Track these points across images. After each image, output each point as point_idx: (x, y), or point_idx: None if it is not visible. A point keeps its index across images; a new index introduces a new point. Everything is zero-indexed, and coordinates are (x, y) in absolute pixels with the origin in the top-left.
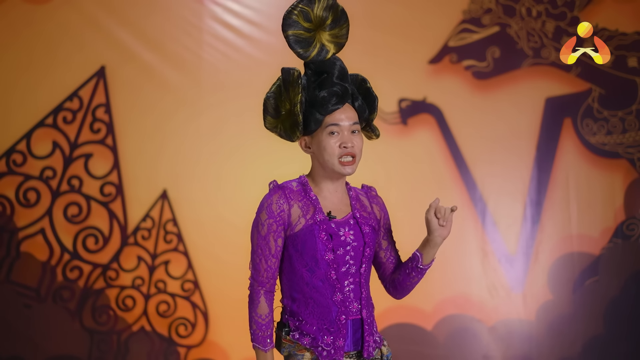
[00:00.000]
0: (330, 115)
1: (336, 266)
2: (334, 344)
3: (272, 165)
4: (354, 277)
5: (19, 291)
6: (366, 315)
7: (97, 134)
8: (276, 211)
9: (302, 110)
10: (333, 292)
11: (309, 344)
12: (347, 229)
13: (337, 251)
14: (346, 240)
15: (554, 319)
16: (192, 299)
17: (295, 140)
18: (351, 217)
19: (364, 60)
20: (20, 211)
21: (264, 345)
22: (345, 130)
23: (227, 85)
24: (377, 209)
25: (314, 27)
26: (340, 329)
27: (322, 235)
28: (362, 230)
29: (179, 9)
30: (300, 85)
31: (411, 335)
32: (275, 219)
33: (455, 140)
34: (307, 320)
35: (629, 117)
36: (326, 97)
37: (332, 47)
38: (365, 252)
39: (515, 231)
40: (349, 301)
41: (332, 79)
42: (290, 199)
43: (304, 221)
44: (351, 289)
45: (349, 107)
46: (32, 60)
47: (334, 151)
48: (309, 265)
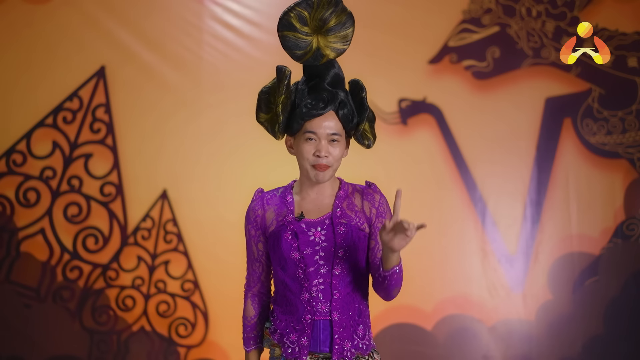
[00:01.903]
0: (310, 122)
1: (304, 265)
2: (298, 342)
3: (272, 165)
4: (325, 277)
5: (19, 291)
6: (339, 318)
7: (97, 134)
8: (252, 217)
9: (284, 112)
10: (301, 290)
11: (277, 340)
12: (319, 229)
13: (304, 250)
14: (315, 240)
15: (554, 319)
16: (192, 299)
17: (278, 138)
18: (328, 217)
19: (364, 60)
20: (20, 211)
21: (247, 346)
22: (323, 138)
23: (227, 85)
24: (369, 206)
25: (312, 30)
26: (305, 328)
27: (288, 234)
28: (335, 230)
29: (179, 9)
30: (286, 85)
31: (411, 335)
32: (253, 225)
33: (455, 140)
34: (279, 317)
35: (629, 117)
36: (309, 103)
37: (330, 52)
38: (337, 253)
39: (515, 231)
40: (317, 301)
41: (323, 84)
42: (266, 204)
43: (276, 222)
44: (320, 289)
45: (331, 115)
46: (32, 60)
47: (309, 157)
48: (281, 264)
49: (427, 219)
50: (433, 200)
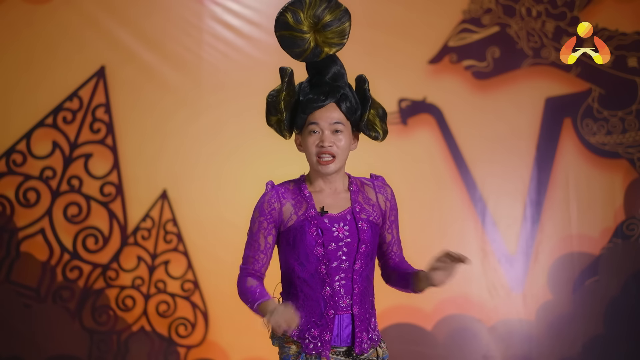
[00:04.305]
0: (312, 114)
1: (327, 261)
2: (321, 337)
3: (272, 165)
4: (346, 272)
5: (19, 291)
6: (358, 312)
7: (97, 134)
8: (267, 209)
9: (287, 109)
10: (322, 286)
11: (296, 336)
12: (342, 225)
13: (328, 246)
14: (339, 235)
15: (554, 319)
16: (192, 299)
17: (286, 137)
18: (349, 212)
19: (364, 60)
20: (20, 211)
21: (264, 297)
22: (326, 129)
23: (227, 85)
24: (383, 199)
25: (307, 28)
26: (328, 323)
27: (312, 230)
28: (358, 227)
29: (179, 9)
30: (287, 84)
31: (411, 335)
32: (266, 217)
33: (455, 140)
34: (297, 313)
35: (628, 117)
36: (311, 97)
37: (328, 48)
38: (359, 249)
39: (515, 231)
40: (339, 296)
41: (324, 79)
42: (283, 197)
43: (295, 217)
44: (342, 284)
45: (332, 107)
46: (32, 60)
47: (313, 150)
48: (300, 260)
49: (427, 219)
50: (433, 200)
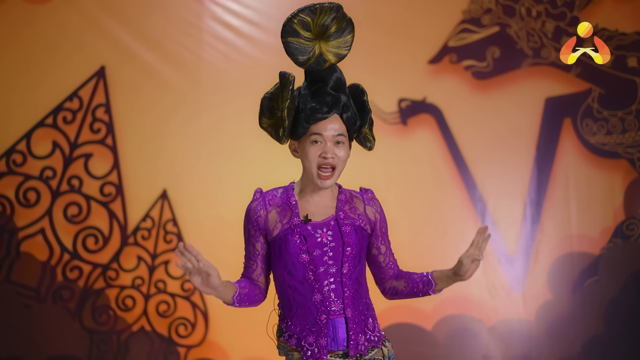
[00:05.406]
0: (315, 125)
1: (313, 267)
2: (317, 343)
3: (272, 166)
4: (335, 276)
5: (19, 291)
6: (352, 315)
7: (97, 134)
8: (253, 217)
9: (289, 116)
10: (312, 292)
11: (295, 345)
12: (325, 230)
13: (314, 252)
14: (323, 241)
15: (553, 319)
16: (192, 299)
17: (282, 143)
18: (332, 218)
19: (364, 60)
20: (20, 211)
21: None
22: (329, 140)
23: (227, 85)
24: (372, 211)
25: (314, 36)
26: (322, 328)
27: (296, 238)
28: (342, 230)
29: (179, 9)
30: (291, 91)
31: (411, 335)
32: (253, 225)
33: (455, 140)
34: (292, 322)
35: (628, 117)
36: (314, 107)
37: (332, 57)
38: (345, 252)
39: (515, 231)
40: (330, 301)
41: (326, 89)
42: (268, 205)
43: (280, 226)
44: (331, 289)
45: (335, 118)
46: (32, 60)
47: (314, 160)
48: (288, 269)
49: (427, 219)
50: (433, 200)
